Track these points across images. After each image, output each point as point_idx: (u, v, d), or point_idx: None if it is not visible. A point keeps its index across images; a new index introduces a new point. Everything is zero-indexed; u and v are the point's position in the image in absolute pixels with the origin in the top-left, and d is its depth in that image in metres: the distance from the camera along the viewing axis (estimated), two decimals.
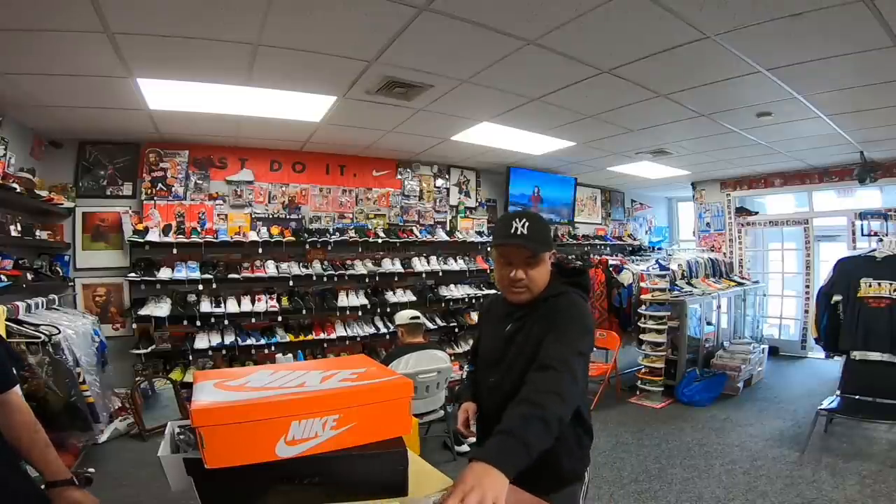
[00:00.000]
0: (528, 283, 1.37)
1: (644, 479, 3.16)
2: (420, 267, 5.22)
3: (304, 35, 2.44)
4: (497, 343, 1.43)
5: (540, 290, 1.39)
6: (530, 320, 1.37)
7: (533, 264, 1.36)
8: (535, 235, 1.35)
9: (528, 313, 1.39)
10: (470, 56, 2.73)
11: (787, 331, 6.94)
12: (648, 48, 2.62)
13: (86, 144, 4.22)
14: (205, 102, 3.40)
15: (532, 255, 1.36)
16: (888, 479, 3.00)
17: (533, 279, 1.37)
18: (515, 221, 1.35)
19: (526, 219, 1.36)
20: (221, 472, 0.91)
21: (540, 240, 1.37)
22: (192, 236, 4.33)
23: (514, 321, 1.42)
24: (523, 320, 1.39)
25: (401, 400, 1.08)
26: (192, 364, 4.26)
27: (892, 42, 2.46)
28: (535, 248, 1.35)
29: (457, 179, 6.02)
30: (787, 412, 4.38)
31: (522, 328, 1.38)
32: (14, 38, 2.34)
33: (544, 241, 1.39)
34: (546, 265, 1.40)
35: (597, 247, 7.21)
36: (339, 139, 4.61)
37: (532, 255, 1.35)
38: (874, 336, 3.66)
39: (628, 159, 5.57)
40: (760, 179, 6.68)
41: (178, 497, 1.06)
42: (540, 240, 1.37)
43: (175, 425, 1.13)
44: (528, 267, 1.35)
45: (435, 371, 3.30)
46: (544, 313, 1.35)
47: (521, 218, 1.36)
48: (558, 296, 1.38)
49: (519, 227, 1.34)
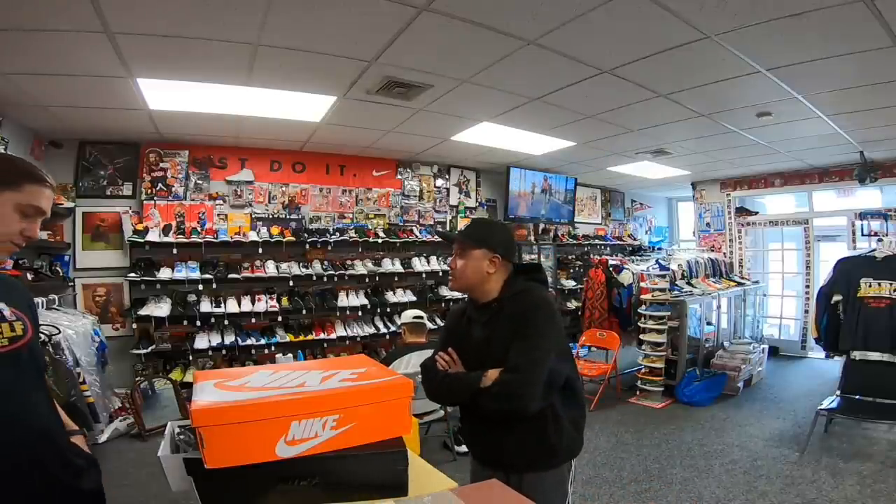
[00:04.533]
0: (456, 273, 1.55)
1: (644, 479, 3.16)
2: (420, 267, 5.22)
3: (304, 35, 2.45)
4: (474, 348, 1.53)
5: (467, 282, 1.53)
6: (498, 322, 1.48)
7: (462, 256, 1.53)
8: (468, 233, 1.58)
9: (494, 315, 1.50)
10: (470, 56, 2.73)
11: (787, 331, 6.94)
12: (648, 48, 2.62)
13: (86, 144, 4.22)
14: (205, 102, 3.40)
15: (461, 249, 1.54)
16: (888, 479, 3.00)
17: (461, 271, 1.53)
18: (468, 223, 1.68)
19: (472, 221, 1.68)
20: (221, 472, 0.91)
21: (471, 237, 1.55)
22: (192, 236, 4.33)
23: (481, 325, 1.53)
24: (492, 325, 1.50)
25: (401, 400, 1.08)
26: (192, 364, 4.26)
27: (892, 42, 2.46)
28: (464, 241, 1.54)
29: (457, 179, 6.03)
30: (787, 412, 4.38)
31: (493, 332, 1.48)
32: (14, 37, 2.34)
33: (477, 240, 1.54)
34: (476, 262, 1.52)
35: (597, 247, 7.21)
36: (339, 139, 4.61)
37: (460, 248, 1.54)
38: (874, 336, 3.65)
39: (628, 159, 5.57)
40: (760, 179, 6.68)
41: (178, 497, 1.06)
42: (471, 237, 1.55)
43: (175, 425, 1.13)
44: (458, 258, 1.55)
45: None
46: (509, 314, 1.47)
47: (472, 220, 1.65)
48: (518, 294, 1.50)
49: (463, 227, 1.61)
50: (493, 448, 1.52)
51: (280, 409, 0.95)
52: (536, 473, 1.49)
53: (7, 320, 1.07)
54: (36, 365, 1.13)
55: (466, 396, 1.45)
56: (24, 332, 1.09)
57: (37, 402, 1.10)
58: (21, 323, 1.10)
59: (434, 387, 1.56)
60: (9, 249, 1.10)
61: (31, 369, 1.10)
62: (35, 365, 1.13)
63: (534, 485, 1.47)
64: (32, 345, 1.12)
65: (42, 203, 1.10)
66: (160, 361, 4.26)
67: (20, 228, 1.07)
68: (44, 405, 1.13)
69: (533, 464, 1.49)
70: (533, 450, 1.47)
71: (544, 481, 1.51)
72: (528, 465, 1.49)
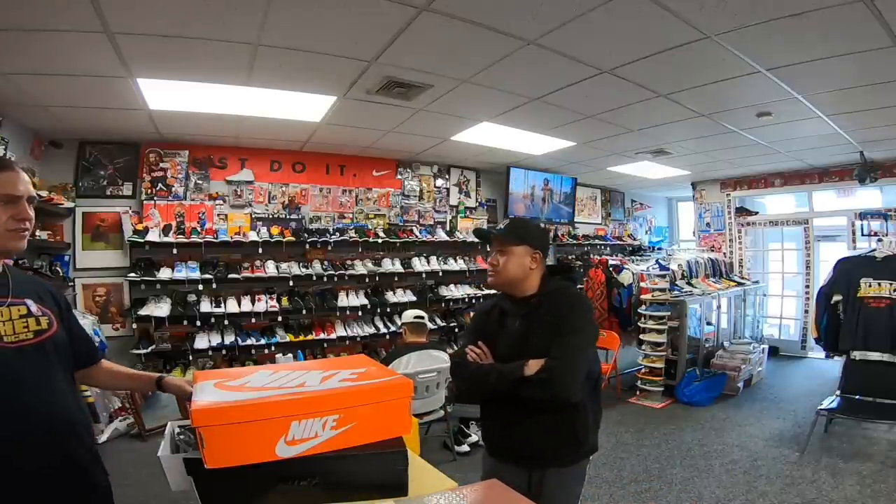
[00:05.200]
0: (499, 269, 1.60)
1: (644, 479, 3.16)
2: (420, 267, 5.22)
3: (304, 35, 2.45)
4: (509, 340, 1.58)
5: (509, 278, 1.59)
6: (537, 316, 1.55)
7: (504, 253, 1.60)
8: (509, 231, 1.66)
9: (533, 309, 1.57)
10: (470, 56, 2.73)
11: (787, 331, 6.94)
12: (648, 48, 2.62)
13: (86, 144, 4.22)
14: (205, 102, 3.40)
15: (501, 247, 1.61)
16: (888, 479, 3.00)
17: (503, 267, 1.59)
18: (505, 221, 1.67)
19: (510, 220, 1.72)
20: (221, 472, 0.91)
21: (512, 234, 1.63)
22: (192, 236, 4.33)
23: (520, 318, 1.59)
24: (530, 318, 1.56)
25: (401, 400, 1.08)
26: (192, 364, 4.25)
27: (892, 42, 2.46)
28: (506, 239, 1.61)
29: (457, 179, 6.02)
30: (787, 412, 4.38)
31: (532, 325, 1.55)
32: (14, 37, 2.33)
33: (518, 237, 1.61)
34: (519, 258, 1.59)
35: (597, 247, 7.20)
36: (339, 139, 4.60)
37: (501, 246, 1.61)
38: (874, 336, 3.66)
39: (628, 159, 5.57)
40: (760, 179, 6.68)
41: (178, 497, 1.06)
42: (512, 234, 1.63)
43: (175, 425, 1.13)
44: (500, 255, 1.61)
45: (435, 371, 3.30)
46: (548, 309, 1.54)
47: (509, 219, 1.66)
48: (557, 291, 1.59)
49: (501, 225, 1.67)
50: (520, 442, 1.55)
51: (280, 409, 0.95)
52: (558, 469, 1.55)
53: (34, 315, 1.14)
54: (61, 358, 1.18)
55: (506, 386, 1.48)
56: (48, 326, 1.16)
57: (62, 393, 1.15)
58: (47, 318, 1.17)
59: (468, 377, 1.59)
60: (13, 237, 1.14)
61: (56, 362, 1.16)
62: (60, 358, 1.18)
63: (555, 480, 1.53)
64: (57, 339, 1.18)
65: (16, 189, 1.13)
66: (160, 361, 4.25)
67: (7, 217, 1.11)
68: (69, 397, 1.18)
69: (558, 457, 1.54)
70: (561, 443, 1.52)
71: (565, 477, 1.56)
72: (553, 458, 1.54)
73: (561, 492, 1.55)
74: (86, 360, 1.36)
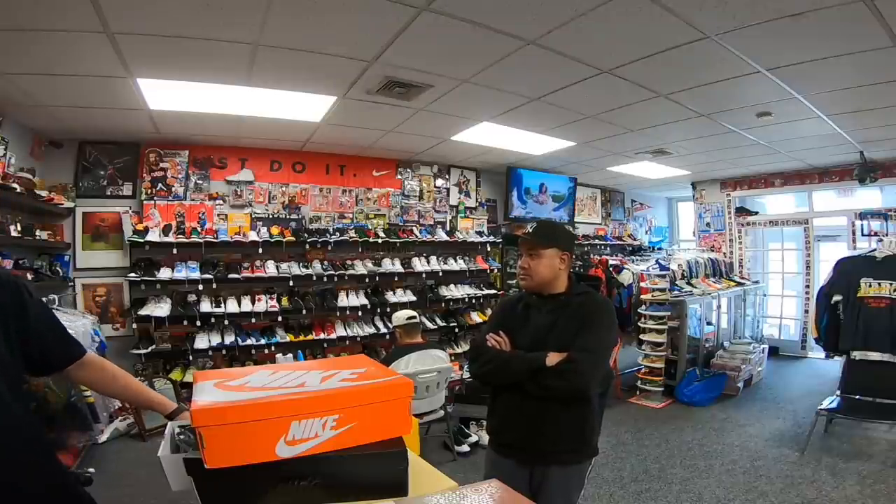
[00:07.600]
0: (530, 271, 1.67)
1: (644, 479, 3.16)
2: (420, 267, 5.22)
3: (304, 35, 2.45)
4: (533, 332, 1.66)
5: (542, 278, 1.66)
6: (564, 313, 1.64)
7: (535, 256, 1.67)
8: (538, 235, 1.71)
9: (561, 306, 1.66)
10: (470, 56, 2.73)
11: (787, 331, 6.94)
12: (648, 48, 2.62)
13: (86, 144, 4.22)
14: (205, 102, 3.40)
15: (531, 250, 1.67)
16: (888, 479, 3.00)
17: (535, 269, 1.66)
18: (532, 225, 1.77)
19: (537, 224, 1.80)
20: (221, 472, 0.90)
21: (542, 237, 1.69)
22: (192, 236, 4.32)
23: (546, 312, 1.68)
24: (556, 313, 1.65)
25: (401, 400, 1.08)
26: (192, 364, 4.26)
27: (892, 42, 2.46)
28: (536, 242, 1.67)
29: (457, 179, 6.02)
30: (787, 412, 4.38)
31: (558, 320, 1.63)
32: (14, 38, 2.34)
33: (548, 241, 1.67)
34: (549, 260, 1.66)
35: (597, 247, 7.20)
36: (340, 139, 4.60)
37: (531, 249, 1.67)
38: (874, 336, 3.65)
39: (628, 159, 5.57)
40: (760, 179, 6.68)
41: (178, 497, 1.06)
42: (542, 237, 1.69)
43: (175, 425, 1.13)
44: (530, 258, 1.67)
45: (435, 371, 3.30)
46: (576, 308, 1.63)
47: (536, 223, 1.76)
48: (585, 293, 1.69)
49: (530, 228, 1.76)
50: (528, 436, 1.58)
51: (280, 409, 0.95)
52: (563, 467, 1.58)
53: None
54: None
55: (525, 374, 1.53)
56: None
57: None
58: None
59: (487, 361, 1.63)
60: None
61: None
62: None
63: (558, 478, 1.56)
64: None
65: None
66: (160, 361, 4.26)
67: None
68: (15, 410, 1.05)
69: (564, 455, 1.58)
70: (569, 440, 1.56)
71: (569, 476, 1.59)
72: (559, 456, 1.57)
73: (563, 491, 1.56)
74: (60, 358, 1.19)
